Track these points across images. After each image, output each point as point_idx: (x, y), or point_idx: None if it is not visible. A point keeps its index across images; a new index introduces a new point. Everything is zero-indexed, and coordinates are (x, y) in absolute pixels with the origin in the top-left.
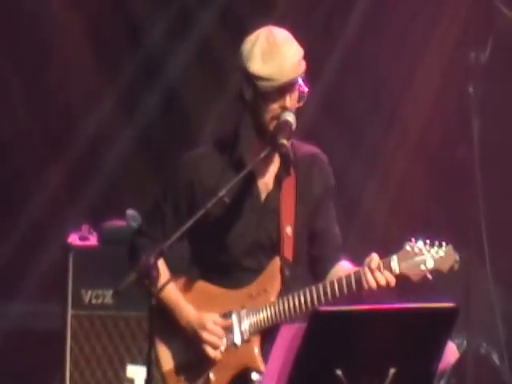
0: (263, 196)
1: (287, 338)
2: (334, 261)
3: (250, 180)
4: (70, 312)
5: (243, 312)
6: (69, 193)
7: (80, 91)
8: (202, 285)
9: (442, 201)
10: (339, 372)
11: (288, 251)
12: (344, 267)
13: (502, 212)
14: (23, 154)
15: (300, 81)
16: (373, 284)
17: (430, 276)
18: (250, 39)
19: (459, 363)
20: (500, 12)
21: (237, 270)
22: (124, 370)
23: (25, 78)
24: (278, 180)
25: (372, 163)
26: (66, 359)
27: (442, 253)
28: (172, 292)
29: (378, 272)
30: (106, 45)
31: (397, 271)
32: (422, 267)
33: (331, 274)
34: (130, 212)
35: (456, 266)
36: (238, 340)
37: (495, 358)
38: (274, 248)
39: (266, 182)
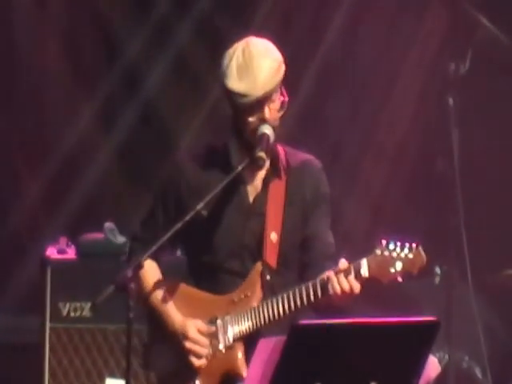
0: (251, 198)
1: (266, 352)
2: (322, 269)
3: (239, 182)
4: (48, 325)
5: (227, 318)
6: (46, 205)
7: (57, 104)
8: (188, 289)
9: (422, 214)
10: None
11: (271, 257)
12: None
13: (483, 224)
14: (0, 168)
15: (281, 89)
16: (337, 289)
17: (400, 279)
18: (229, 53)
19: (441, 378)
20: (479, 23)
21: (222, 273)
22: (102, 382)
23: (1, 94)
24: (266, 182)
25: (351, 175)
26: (44, 372)
27: (411, 255)
28: (160, 296)
29: (343, 277)
30: (84, 58)
31: (366, 275)
32: (392, 270)
33: None
34: (108, 225)
35: (423, 265)
36: (221, 346)
37: (477, 372)
38: (259, 251)
39: (254, 185)
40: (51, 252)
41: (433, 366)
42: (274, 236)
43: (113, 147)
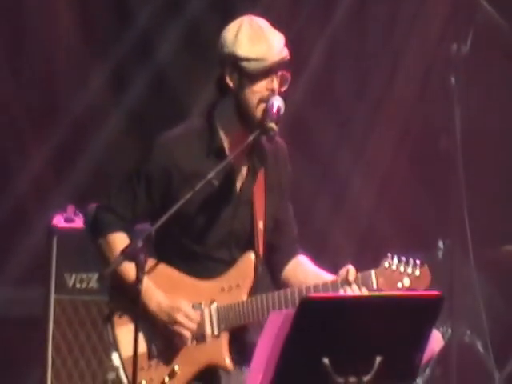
0: (238, 186)
1: (275, 326)
2: (291, 252)
3: (226, 169)
4: (52, 296)
5: (214, 306)
6: (54, 172)
7: (68, 71)
8: (170, 270)
9: (425, 190)
10: (326, 360)
11: (260, 246)
12: (305, 265)
13: (484, 201)
14: (6, 132)
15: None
16: None
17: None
18: (232, 27)
19: (444, 351)
20: (480, 4)
21: (208, 260)
22: (109, 357)
23: (9, 54)
24: (252, 170)
25: (357, 152)
26: (47, 346)
27: (417, 272)
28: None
29: (356, 286)
30: (95, 24)
31: (374, 286)
32: (399, 285)
33: (289, 267)
34: None
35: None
36: (208, 333)
37: (479, 345)
38: (248, 240)
39: (241, 172)
40: (58, 221)
41: (436, 340)
42: (261, 225)
43: (123, 114)
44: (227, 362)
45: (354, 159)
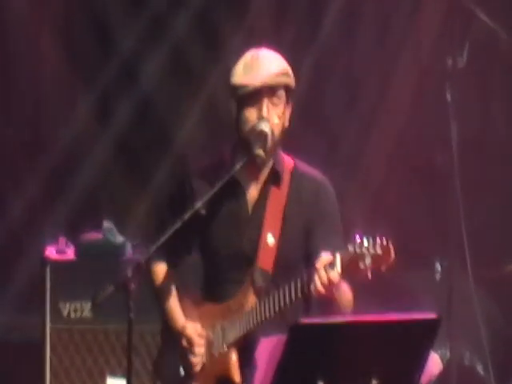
0: (250, 208)
1: (267, 351)
2: None
3: (239, 193)
4: (48, 325)
5: (223, 325)
6: (45, 204)
7: (54, 100)
8: (196, 299)
9: (421, 208)
10: (321, 383)
11: (267, 261)
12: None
13: (482, 218)
14: None
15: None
16: (317, 283)
17: (369, 275)
18: (239, 60)
19: (443, 374)
20: (476, 17)
21: (224, 283)
22: (103, 382)
23: None
24: (265, 188)
25: (350, 169)
26: (45, 372)
27: (379, 251)
28: (171, 302)
29: (323, 271)
30: (79, 52)
31: (339, 269)
32: (361, 265)
33: None
34: (107, 225)
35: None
36: (215, 351)
37: (479, 368)
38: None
39: (253, 194)
40: (50, 252)
41: (435, 363)
42: (271, 240)
43: (111, 144)
44: (234, 373)
45: (345, 177)
